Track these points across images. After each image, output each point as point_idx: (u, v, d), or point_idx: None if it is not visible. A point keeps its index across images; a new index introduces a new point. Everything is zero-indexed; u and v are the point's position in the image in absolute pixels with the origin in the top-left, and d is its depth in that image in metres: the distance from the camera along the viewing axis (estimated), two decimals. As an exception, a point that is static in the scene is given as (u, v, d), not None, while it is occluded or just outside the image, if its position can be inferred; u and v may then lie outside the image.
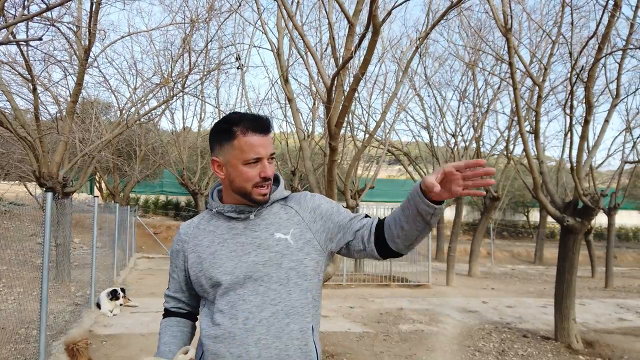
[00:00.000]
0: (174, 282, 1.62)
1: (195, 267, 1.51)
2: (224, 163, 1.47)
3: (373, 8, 3.49)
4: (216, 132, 1.49)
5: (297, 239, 1.47)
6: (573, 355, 6.02)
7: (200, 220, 1.59)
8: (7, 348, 4.87)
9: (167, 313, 1.67)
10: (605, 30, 5.57)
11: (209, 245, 1.50)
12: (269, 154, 1.45)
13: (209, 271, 1.47)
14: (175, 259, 1.59)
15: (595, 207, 6.26)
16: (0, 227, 7.20)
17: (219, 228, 1.51)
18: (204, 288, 1.50)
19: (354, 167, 5.76)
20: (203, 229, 1.55)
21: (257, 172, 1.43)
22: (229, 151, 1.44)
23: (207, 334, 1.46)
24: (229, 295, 1.44)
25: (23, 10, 5.12)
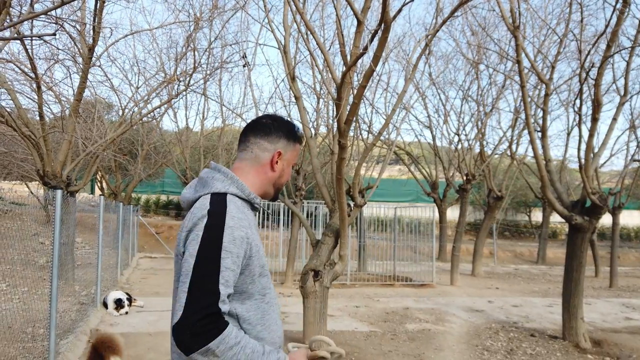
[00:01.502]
0: (234, 277, 1.34)
1: (256, 255, 1.41)
2: (284, 159, 1.58)
3: (385, 4, 3.46)
4: (289, 129, 1.60)
5: None
6: (582, 354, 5.99)
7: (240, 206, 1.45)
8: (15, 347, 4.83)
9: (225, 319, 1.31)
10: (614, 28, 5.55)
11: (256, 233, 1.47)
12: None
13: (262, 258, 1.44)
14: (239, 247, 1.35)
15: (604, 206, 6.23)
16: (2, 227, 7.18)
17: (253, 218, 1.53)
18: (254, 277, 1.41)
19: (361, 166, 5.73)
20: (248, 215, 1.46)
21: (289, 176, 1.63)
22: (291, 151, 1.59)
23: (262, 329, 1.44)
24: (269, 285, 1.49)
25: (30, 7, 5.08)
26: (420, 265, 12.35)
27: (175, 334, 1.24)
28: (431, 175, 17.56)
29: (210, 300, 1.26)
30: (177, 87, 8.82)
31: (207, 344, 1.23)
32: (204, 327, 1.24)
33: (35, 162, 7.78)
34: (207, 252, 1.30)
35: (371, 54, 4.30)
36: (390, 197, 24.14)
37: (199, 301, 1.25)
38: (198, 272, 1.28)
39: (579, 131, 6.47)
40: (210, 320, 1.25)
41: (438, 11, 5.61)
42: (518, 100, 11.80)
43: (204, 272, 1.28)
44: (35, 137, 7.35)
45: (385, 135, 11.29)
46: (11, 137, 9.61)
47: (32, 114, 8.58)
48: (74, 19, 6.92)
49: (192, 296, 1.26)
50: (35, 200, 8.44)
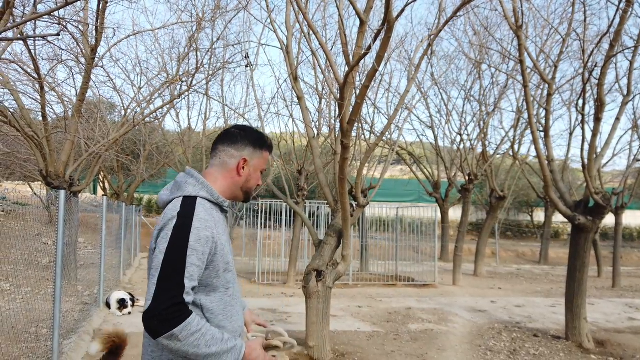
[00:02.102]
0: (199, 272, 1.50)
1: (220, 252, 1.58)
2: (250, 164, 1.73)
3: (389, 5, 3.46)
4: (256, 138, 1.76)
5: None
6: (585, 354, 5.97)
7: (207, 208, 1.61)
8: (18, 347, 4.84)
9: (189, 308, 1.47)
10: (618, 27, 5.53)
11: (223, 232, 1.65)
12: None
13: (227, 256, 1.62)
14: (204, 246, 1.51)
15: (607, 206, 6.22)
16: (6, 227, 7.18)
17: (221, 219, 1.68)
18: (218, 272, 1.58)
19: (364, 166, 5.73)
20: (215, 217, 1.62)
21: (258, 180, 1.79)
22: (257, 158, 1.75)
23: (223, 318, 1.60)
24: (233, 279, 1.67)
25: (34, 8, 5.09)
26: (423, 266, 12.35)
27: (145, 321, 1.42)
28: (433, 175, 17.54)
29: (176, 292, 1.43)
30: (180, 88, 8.83)
31: (172, 329, 1.41)
32: (170, 315, 1.41)
33: (38, 162, 7.79)
34: (175, 250, 1.46)
35: (374, 54, 4.29)
36: (392, 197, 24.13)
37: (166, 292, 1.42)
38: (166, 267, 1.45)
39: (582, 131, 6.45)
40: (176, 309, 1.42)
41: (441, 11, 5.60)
42: (520, 100, 11.80)
43: (172, 267, 1.45)
44: (38, 138, 7.36)
45: (388, 136, 11.28)
46: (14, 138, 9.62)
47: (35, 114, 8.61)
48: (76, 20, 6.93)
49: (160, 288, 1.42)
50: (38, 200, 8.46)
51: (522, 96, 11.08)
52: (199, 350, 1.44)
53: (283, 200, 7.06)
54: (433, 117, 14.78)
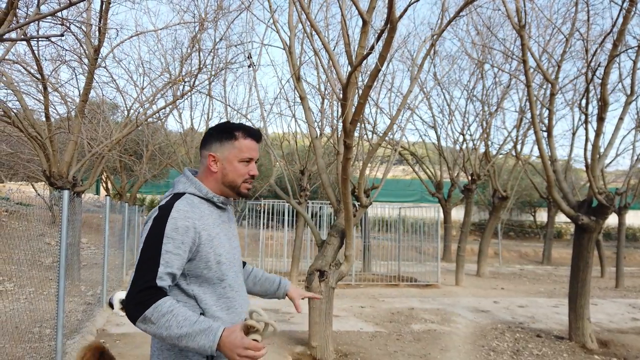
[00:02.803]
0: (178, 260, 1.55)
1: (208, 244, 1.63)
2: (220, 159, 1.73)
3: (391, 4, 3.46)
4: (218, 132, 1.75)
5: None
6: (588, 355, 5.96)
7: (194, 202, 1.67)
8: (21, 347, 4.85)
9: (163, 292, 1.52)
10: (621, 27, 5.51)
11: (213, 226, 1.68)
12: (256, 158, 1.78)
13: (218, 248, 1.66)
14: (184, 234, 1.56)
15: (611, 206, 6.20)
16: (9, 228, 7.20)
17: (213, 213, 1.72)
18: (209, 264, 1.62)
19: (366, 166, 5.73)
20: (202, 211, 1.67)
21: (247, 170, 1.73)
22: (229, 149, 1.72)
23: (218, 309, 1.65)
24: (232, 273, 1.71)
25: (37, 9, 5.10)
26: (425, 266, 12.34)
27: (125, 307, 1.55)
28: (435, 175, 17.52)
29: (149, 276, 1.50)
30: (182, 88, 8.84)
31: (144, 312, 1.47)
32: (142, 299, 1.48)
33: (42, 162, 7.81)
34: (152, 238, 1.55)
35: (376, 54, 4.29)
36: (394, 197, 24.11)
37: (141, 278, 1.51)
38: (143, 255, 1.54)
39: (585, 131, 6.43)
40: (148, 293, 1.49)
41: (443, 11, 5.60)
42: (523, 100, 11.77)
43: (148, 255, 1.53)
44: (42, 138, 7.38)
45: (390, 136, 11.28)
46: (17, 138, 9.66)
47: (38, 114, 8.62)
48: (80, 20, 6.94)
49: (136, 274, 1.52)
50: (41, 200, 8.49)
51: (525, 96, 11.06)
52: (171, 332, 1.45)
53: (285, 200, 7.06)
54: (435, 117, 14.78)
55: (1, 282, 7.41)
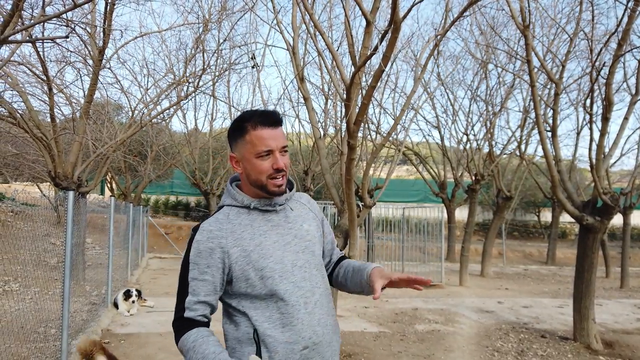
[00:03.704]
0: (205, 285, 1.48)
1: (242, 261, 1.49)
2: (240, 158, 1.57)
3: (395, 5, 3.46)
4: (232, 130, 1.59)
5: (316, 231, 1.67)
6: (593, 355, 5.94)
7: (228, 217, 1.56)
8: (27, 347, 4.88)
9: (191, 323, 1.48)
10: (626, 26, 5.50)
11: (252, 237, 1.52)
12: (280, 146, 1.53)
13: (258, 262, 1.49)
14: (207, 258, 1.48)
15: (615, 206, 6.18)
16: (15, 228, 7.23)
17: (255, 221, 1.55)
18: (251, 281, 1.49)
19: (370, 167, 5.73)
20: (238, 223, 1.54)
21: (270, 164, 1.51)
22: (242, 146, 1.54)
23: (272, 327, 1.48)
24: (283, 285, 1.50)
25: (42, 11, 5.14)
26: (429, 266, 12.32)
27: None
28: (439, 175, 17.50)
29: (179, 307, 1.51)
30: (186, 89, 8.86)
31: (177, 344, 1.50)
32: (175, 329, 1.52)
33: (47, 163, 7.85)
34: (182, 266, 1.53)
35: (380, 55, 4.30)
36: (398, 197, 24.09)
37: (175, 308, 1.52)
38: (179, 283, 1.53)
39: (589, 131, 6.41)
40: (177, 325, 1.51)
41: (447, 11, 5.59)
42: (527, 100, 11.74)
43: (179, 284, 1.52)
44: (47, 139, 7.42)
45: (394, 136, 11.27)
46: (23, 139, 9.71)
47: (44, 115, 8.67)
48: (84, 22, 6.98)
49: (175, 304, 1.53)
50: (46, 201, 8.53)
51: (529, 96, 11.03)
52: None
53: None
54: (439, 117, 14.75)
55: (7, 282, 7.45)
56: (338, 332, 1.65)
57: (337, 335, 1.63)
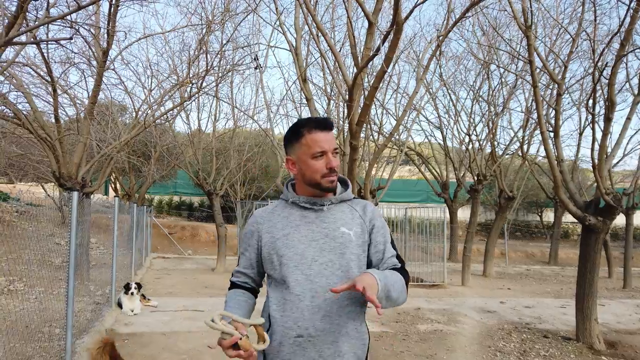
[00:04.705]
0: (244, 259, 1.79)
1: (269, 245, 1.71)
2: (295, 160, 1.73)
3: (397, 6, 3.49)
4: (288, 135, 1.75)
5: (357, 237, 1.71)
6: (596, 356, 5.94)
7: (275, 208, 1.80)
8: (31, 346, 4.92)
9: (233, 285, 1.83)
10: (629, 26, 5.50)
11: (283, 228, 1.72)
12: (332, 148, 1.68)
13: (281, 249, 1.68)
14: (249, 238, 1.78)
15: (618, 206, 6.18)
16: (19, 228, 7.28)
17: (292, 215, 1.74)
18: (274, 265, 1.69)
19: (373, 167, 5.75)
20: (278, 214, 1.77)
21: (323, 164, 1.66)
22: (299, 149, 1.70)
23: (276, 309, 1.67)
24: (295, 274, 1.65)
25: (47, 12, 5.18)
26: (431, 266, 12.33)
27: None
28: (442, 175, 17.50)
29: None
30: (190, 90, 8.90)
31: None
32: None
33: (51, 164, 7.90)
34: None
35: (382, 56, 4.32)
36: (400, 197, 24.09)
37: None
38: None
39: (592, 131, 6.41)
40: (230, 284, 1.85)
41: (449, 12, 5.61)
42: (529, 100, 11.74)
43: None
44: (51, 140, 7.47)
45: (396, 136, 11.29)
46: (27, 140, 9.77)
47: (48, 116, 8.72)
48: (88, 23, 7.02)
49: None
50: (50, 201, 8.58)
51: (531, 96, 11.03)
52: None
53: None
54: (441, 117, 14.76)
55: (12, 282, 7.50)
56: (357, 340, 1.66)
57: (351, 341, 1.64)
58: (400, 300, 1.61)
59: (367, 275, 1.49)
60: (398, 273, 1.65)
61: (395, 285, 1.57)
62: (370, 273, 1.50)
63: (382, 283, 1.49)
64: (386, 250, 1.73)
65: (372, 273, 1.50)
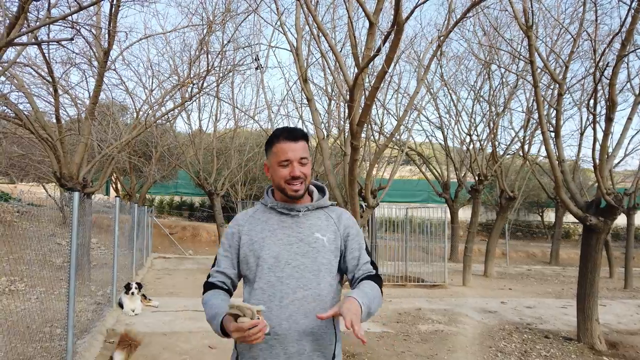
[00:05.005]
0: (226, 260, 1.84)
1: (247, 247, 1.80)
2: (269, 166, 1.85)
3: (398, 6, 3.48)
4: (266, 143, 1.88)
5: (330, 243, 1.80)
6: (597, 356, 5.94)
7: (255, 212, 1.90)
8: (32, 346, 4.92)
9: (211, 286, 1.84)
10: (630, 27, 5.50)
11: (261, 231, 1.81)
12: (298, 157, 1.78)
13: (257, 251, 1.77)
14: (231, 239, 1.85)
15: (619, 207, 6.18)
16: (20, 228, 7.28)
17: (270, 219, 1.84)
18: (250, 266, 1.79)
19: (373, 167, 5.75)
20: (257, 218, 1.86)
21: (288, 172, 1.77)
22: (270, 156, 1.83)
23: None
24: (269, 276, 1.74)
25: (48, 13, 5.19)
26: (432, 266, 12.32)
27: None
28: (442, 175, 17.49)
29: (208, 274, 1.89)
30: (191, 90, 8.91)
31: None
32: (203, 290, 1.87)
33: (52, 164, 7.91)
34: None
35: (383, 56, 4.32)
36: (401, 197, 24.08)
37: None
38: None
39: (593, 131, 6.41)
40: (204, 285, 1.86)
41: (450, 12, 5.61)
42: (530, 100, 11.73)
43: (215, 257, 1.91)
44: (52, 140, 7.48)
45: (397, 136, 11.28)
46: (29, 140, 9.78)
47: (49, 117, 8.73)
48: (89, 24, 7.03)
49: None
50: (51, 201, 8.59)
51: (532, 96, 11.02)
52: (207, 317, 1.72)
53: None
54: (442, 117, 14.76)
55: (13, 282, 7.51)
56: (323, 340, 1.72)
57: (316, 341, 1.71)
58: (377, 309, 1.72)
59: (352, 302, 1.55)
60: (374, 284, 1.76)
61: (374, 300, 1.67)
62: (354, 299, 1.57)
63: (365, 306, 1.58)
64: (361, 257, 1.83)
65: (355, 298, 1.57)
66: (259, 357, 1.71)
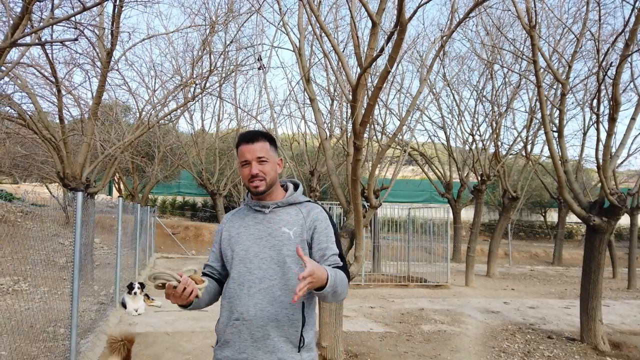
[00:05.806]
0: (212, 255, 2.06)
1: (225, 242, 1.99)
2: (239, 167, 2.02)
3: (401, 6, 3.48)
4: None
5: (296, 236, 1.92)
6: (600, 357, 5.92)
7: (238, 211, 2.10)
8: (36, 346, 4.94)
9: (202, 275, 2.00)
10: (633, 26, 5.48)
11: (238, 227, 2.00)
12: (256, 157, 1.93)
13: (233, 245, 1.96)
14: (216, 237, 2.06)
15: (623, 207, 6.16)
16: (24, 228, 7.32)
17: (247, 217, 2.02)
18: (227, 258, 1.97)
19: (376, 167, 5.74)
20: (238, 216, 2.05)
21: (248, 171, 1.93)
22: (238, 157, 2.01)
23: (224, 296, 1.94)
24: (239, 267, 1.91)
25: (51, 13, 5.20)
26: (435, 266, 12.31)
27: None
28: (445, 175, 17.47)
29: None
30: (193, 90, 8.92)
31: None
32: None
33: (56, 164, 7.93)
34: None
35: (386, 56, 4.32)
36: (403, 197, 24.06)
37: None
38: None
39: (596, 131, 6.40)
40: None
41: (453, 12, 5.60)
42: (533, 100, 11.70)
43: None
44: (56, 140, 7.50)
45: (400, 137, 11.27)
46: (32, 140, 9.81)
47: (52, 117, 8.76)
48: (93, 24, 7.04)
49: None
50: (55, 201, 8.61)
51: (535, 96, 11.00)
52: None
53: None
54: (445, 117, 14.75)
55: (17, 282, 7.54)
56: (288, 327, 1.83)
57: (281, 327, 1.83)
58: (342, 296, 1.80)
59: (322, 268, 1.64)
60: (342, 272, 1.82)
61: (341, 282, 1.75)
62: (324, 268, 1.65)
63: (332, 279, 1.65)
64: (328, 249, 1.91)
65: (326, 269, 1.66)
66: (230, 340, 1.86)
